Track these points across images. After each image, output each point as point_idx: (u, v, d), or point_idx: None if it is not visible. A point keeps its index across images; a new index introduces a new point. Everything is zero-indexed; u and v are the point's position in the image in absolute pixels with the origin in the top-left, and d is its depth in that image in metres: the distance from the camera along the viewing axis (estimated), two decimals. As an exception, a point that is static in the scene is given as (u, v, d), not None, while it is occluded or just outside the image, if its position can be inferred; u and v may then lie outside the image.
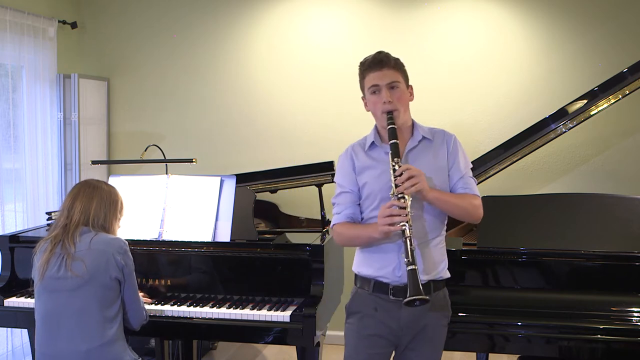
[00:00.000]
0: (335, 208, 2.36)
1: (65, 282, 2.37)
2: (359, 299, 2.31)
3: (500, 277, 2.66)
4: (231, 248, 2.91)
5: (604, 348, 2.45)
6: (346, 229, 2.30)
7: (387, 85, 2.25)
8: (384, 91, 2.24)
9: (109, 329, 2.39)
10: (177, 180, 3.06)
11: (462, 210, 2.26)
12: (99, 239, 2.44)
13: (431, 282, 2.23)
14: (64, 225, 2.47)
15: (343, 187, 2.34)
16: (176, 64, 4.72)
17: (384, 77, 2.25)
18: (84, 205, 2.48)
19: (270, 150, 4.55)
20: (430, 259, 2.24)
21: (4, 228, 3.89)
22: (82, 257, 2.38)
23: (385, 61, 2.27)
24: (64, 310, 2.38)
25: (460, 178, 2.29)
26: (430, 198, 2.18)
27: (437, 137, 2.33)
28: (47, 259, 2.41)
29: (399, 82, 2.27)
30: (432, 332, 2.26)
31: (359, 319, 2.29)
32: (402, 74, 2.30)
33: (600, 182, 4.11)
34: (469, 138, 4.33)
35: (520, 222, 2.76)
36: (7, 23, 3.86)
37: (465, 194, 2.27)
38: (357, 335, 2.29)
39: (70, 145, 4.48)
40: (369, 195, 2.27)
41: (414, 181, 2.10)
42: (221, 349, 4.36)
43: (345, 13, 4.46)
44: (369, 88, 2.28)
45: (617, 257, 2.60)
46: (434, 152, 2.30)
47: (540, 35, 4.20)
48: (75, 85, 4.43)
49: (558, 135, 3.12)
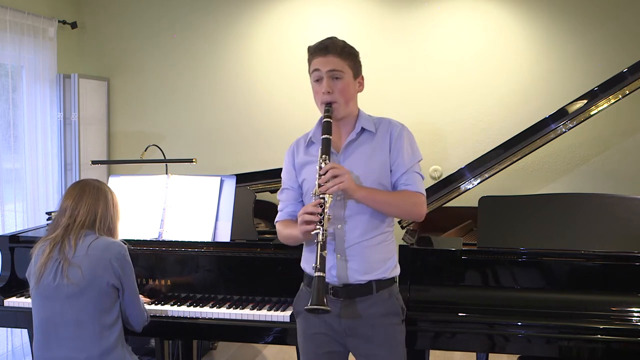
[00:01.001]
0: (279, 205, 2.33)
1: (61, 290, 2.30)
2: (303, 297, 2.21)
3: (500, 277, 2.66)
4: (231, 248, 2.91)
5: (604, 348, 2.45)
6: (283, 227, 2.27)
7: (329, 72, 2.11)
8: (325, 80, 2.11)
9: (108, 337, 2.33)
10: (177, 180, 3.06)
11: (396, 208, 2.15)
12: (98, 244, 2.35)
13: (373, 282, 2.14)
14: (66, 226, 2.38)
15: (285, 183, 2.31)
16: (176, 64, 4.72)
17: (327, 64, 2.11)
18: (90, 206, 2.40)
19: (270, 150, 4.55)
20: (369, 259, 2.14)
21: (4, 228, 3.89)
22: (79, 263, 2.30)
23: (330, 47, 2.12)
24: (61, 318, 2.32)
25: (403, 173, 2.15)
26: (358, 197, 2.07)
27: (381, 129, 2.19)
28: (44, 263, 2.33)
29: (343, 72, 2.12)
30: (384, 333, 2.15)
31: (302, 317, 2.23)
32: (350, 63, 2.14)
33: (600, 182, 4.11)
34: (469, 138, 4.33)
35: (520, 222, 2.76)
36: (7, 23, 3.86)
37: (404, 191, 2.14)
38: (304, 335, 2.24)
39: (70, 145, 4.48)
40: (307, 192, 2.20)
41: (336, 181, 2.00)
42: (221, 349, 4.36)
43: (345, 13, 4.46)
44: (312, 73, 2.16)
45: (617, 257, 2.60)
46: (374, 145, 2.17)
47: (540, 35, 4.20)
48: (75, 85, 4.43)
49: (558, 135, 3.11)
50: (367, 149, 2.17)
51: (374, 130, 2.18)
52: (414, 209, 2.17)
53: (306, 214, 2.04)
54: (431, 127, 4.38)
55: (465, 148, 4.32)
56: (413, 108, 4.38)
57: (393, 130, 2.19)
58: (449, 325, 2.54)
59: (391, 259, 2.21)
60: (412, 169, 2.17)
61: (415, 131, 2.25)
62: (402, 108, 4.39)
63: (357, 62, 2.19)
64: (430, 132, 4.38)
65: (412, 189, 2.15)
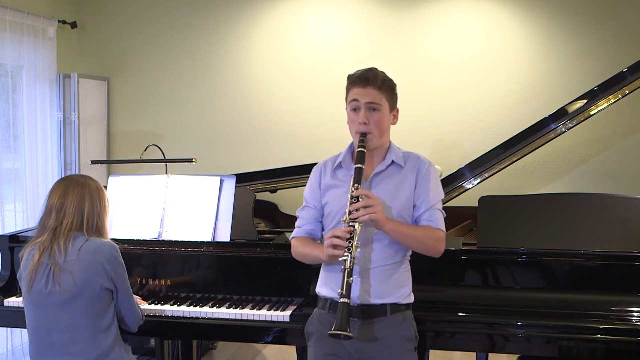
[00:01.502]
0: (297, 221, 2.35)
1: (53, 297, 2.26)
2: (317, 319, 2.27)
3: (500, 277, 2.66)
4: (231, 248, 2.90)
5: (604, 348, 2.45)
6: (300, 245, 2.29)
7: (367, 104, 2.15)
8: (362, 111, 2.15)
9: (104, 340, 2.30)
10: (177, 180, 3.05)
11: (420, 244, 2.19)
12: (89, 247, 2.30)
13: (387, 305, 2.17)
14: (54, 229, 2.31)
15: (308, 202, 2.33)
16: (176, 64, 4.72)
17: (366, 96, 2.15)
18: (76, 207, 2.33)
19: (270, 150, 4.56)
20: (387, 284, 2.18)
21: (4, 228, 3.89)
22: (71, 269, 2.25)
23: (372, 79, 2.16)
24: (55, 324, 2.28)
25: (427, 210, 2.20)
26: (387, 229, 2.11)
27: (410, 163, 2.24)
28: (34, 269, 2.28)
29: (381, 105, 2.16)
30: (394, 356, 2.17)
31: (316, 340, 2.25)
32: (387, 96, 2.19)
33: (600, 182, 4.11)
34: (469, 138, 4.33)
35: (520, 222, 2.76)
36: (7, 23, 3.86)
37: (427, 226, 2.19)
38: (315, 356, 2.24)
39: (70, 145, 4.48)
40: (329, 214, 2.24)
41: (370, 210, 2.04)
42: (221, 349, 4.36)
43: (345, 13, 4.46)
44: (350, 102, 2.20)
45: (617, 257, 2.60)
46: (402, 179, 2.22)
47: (540, 35, 4.20)
48: (75, 85, 4.43)
49: (558, 135, 3.11)
50: (394, 182, 2.22)
51: (403, 165, 2.24)
52: (435, 245, 2.21)
53: (335, 237, 2.06)
54: (431, 127, 4.38)
55: (465, 148, 4.32)
56: (413, 108, 4.38)
57: (421, 167, 2.24)
58: (449, 325, 2.54)
59: (406, 287, 2.25)
60: (435, 207, 2.22)
61: (415, 131, 2.27)
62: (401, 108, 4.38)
63: (395, 95, 2.24)
64: (430, 132, 4.38)
65: (434, 226, 2.20)
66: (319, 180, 2.31)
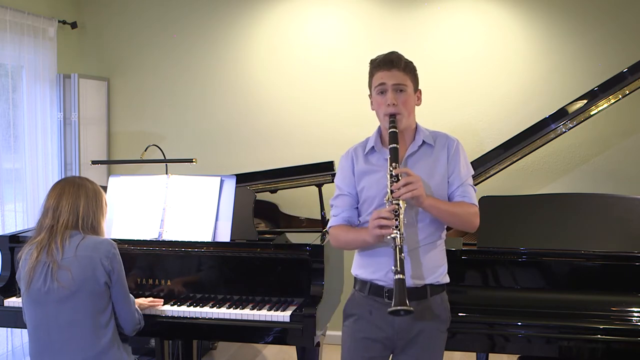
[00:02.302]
0: (333, 210, 2.35)
1: (52, 294, 2.28)
2: (355, 301, 2.30)
3: (500, 277, 2.66)
4: (231, 248, 2.91)
5: (604, 348, 2.45)
6: (342, 232, 2.29)
7: (394, 86, 2.20)
8: (389, 93, 2.19)
9: (103, 336, 2.32)
10: (177, 180, 3.05)
11: (458, 219, 2.22)
12: (86, 244, 2.33)
13: (428, 287, 2.21)
14: (50, 227, 2.35)
15: (341, 189, 2.33)
16: (176, 64, 4.72)
17: (392, 78, 2.20)
18: (71, 205, 2.36)
19: (270, 150, 4.55)
20: (428, 264, 2.21)
21: (4, 228, 3.89)
22: (68, 266, 2.28)
23: (395, 62, 2.22)
24: (54, 321, 2.30)
25: (459, 186, 2.24)
26: (426, 205, 2.14)
27: (439, 142, 2.29)
28: (32, 267, 2.31)
29: (406, 86, 2.22)
30: (429, 338, 2.22)
31: (354, 321, 2.28)
32: (411, 77, 2.25)
33: (600, 182, 4.11)
34: (469, 138, 4.33)
35: (520, 222, 2.76)
36: (7, 23, 3.86)
37: (462, 202, 2.23)
38: (352, 338, 2.27)
39: (70, 145, 4.48)
40: (367, 199, 2.25)
41: (410, 187, 2.06)
42: (221, 349, 4.36)
43: (345, 13, 4.46)
44: (376, 87, 2.23)
45: (617, 257, 2.60)
46: (434, 158, 2.26)
47: (540, 35, 4.20)
48: (75, 85, 4.43)
49: (558, 135, 3.12)
50: (427, 162, 2.25)
51: (433, 144, 2.28)
52: (471, 219, 2.24)
53: (381, 218, 2.06)
54: (431, 127, 4.36)
55: (465, 148, 4.30)
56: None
57: (450, 144, 2.29)
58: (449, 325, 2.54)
59: (443, 266, 2.28)
60: (467, 182, 2.26)
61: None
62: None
63: (417, 76, 2.29)
64: (430, 132, 4.37)
65: (468, 201, 2.24)
66: (351, 167, 2.31)
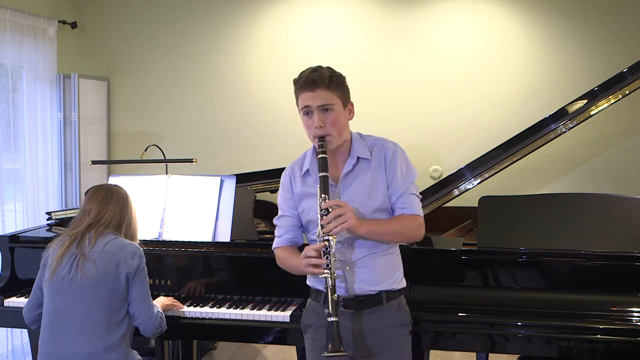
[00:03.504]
0: (277, 230, 2.30)
1: (74, 283, 2.35)
2: (312, 311, 2.26)
3: (500, 277, 2.66)
4: (231, 248, 2.90)
5: (604, 348, 2.45)
6: (285, 256, 2.24)
7: (319, 107, 2.09)
8: (315, 114, 2.09)
9: (114, 334, 2.36)
10: (177, 180, 3.05)
11: (399, 236, 2.15)
12: (115, 243, 2.41)
13: (383, 293, 2.16)
14: (89, 225, 2.43)
15: (284, 210, 2.27)
16: (176, 64, 4.72)
17: (316, 99, 2.09)
18: (117, 212, 2.48)
19: (270, 150, 4.55)
20: (378, 271, 2.16)
21: (4, 228, 3.89)
22: (95, 259, 2.36)
23: (318, 81, 2.09)
24: (71, 311, 2.35)
25: (399, 196, 2.15)
26: (362, 233, 2.06)
27: (375, 153, 2.18)
28: (61, 255, 2.38)
29: (333, 104, 2.09)
30: (391, 344, 2.18)
31: (312, 332, 2.25)
32: (338, 93, 2.11)
33: (600, 182, 4.11)
34: (469, 138, 4.33)
35: (520, 222, 2.76)
36: (7, 23, 3.87)
37: (402, 215, 2.14)
38: (313, 348, 2.24)
39: (70, 145, 4.49)
40: (309, 222, 2.19)
41: (340, 220, 1.98)
42: (221, 349, 4.36)
43: (346, 13, 4.46)
44: (302, 109, 2.15)
45: (617, 257, 2.60)
46: (372, 172, 2.16)
47: (540, 35, 4.20)
48: (75, 85, 4.43)
49: (558, 135, 3.11)
50: (366, 178, 2.16)
51: (369, 157, 2.17)
52: (414, 233, 2.17)
53: (311, 257, 2.01)
54: (431, 127, 4.38)
55: (465, 148, 4.32)
56: (413, 108, 4.38)
57: (387, 153, 2.17)
58: (449, 325, 2.54)
59: (398, 271, 2.24)
60: (407, 192, 2.16)
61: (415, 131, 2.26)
62: (402, 108, 4.39)
63: (345, 89, 2.16)
64: (430, 132, 4.38)
65: (409, 212, 2.15)
66: (290, 187, 2.25)
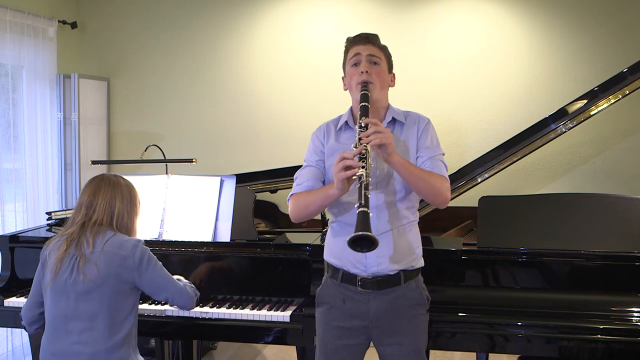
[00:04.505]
0: (297, 180, 2.27)
1: (77, 285, 2.31)
2: (328, 289, 2.27)
3: (500, 277, 2.66)
4: (231, 248, 2.91)
5: (604, 348, 2.45)
6: (304, 196, 2.20)
7: (368, 57, 2.19)
8: (363, 62, 2.18)
9: (117, 334, 2.33)
10: (177, 180, 3.05)
11: (427, 185, 2.10)
12: (114, 241, 2.35)
13: (401, 272, 2.17)
14: (82, 224, 2.36)
15: (310, 161, 2.28)
16: (176, 64, 4.72)
17: (367, 49, 2.21)
18: (106, 205, 2.37)
19: (270, 150, 4.55)
20: (400, 247, 2.17)
21: (4, 228, 3.89)
22: (95, 260, 2.31)
23: (371, 38, 2.24)
24: (74, 312, 2.32)
25: (428, 158, 2.17)
26: (394, 161, 2.04)
27: (409, 120, 2.27)
28: (60, 258, 2.33)
29: (381, 60, 2.22)
30: (409, 323, 2.20)
31: (327, 309, 2.26)
32: (385, 56, 2.25)
33: (600, 182, 4.11)
34: (469, 138, 4.33)
35: (520, 222, 2.76)
36: (7, 23, 3.87)
37: (432, 172, 2.15)
38: (325, 326, 2.26)
39: (70, 145, 4.49)
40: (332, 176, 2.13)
41: (380, 135, 1.97)
42: (221, 349, 4.36)
43: (345, 13, 4.46)
44: (351, 59, 2.22)
45: (617, 257, 2.60)
46: (405, 136, 2.23)
47: (540, 35, 4.20)
48: (75, 85, 4.43)
49: (558, 135, 3.11)
50: (397, 139, 2.21)
51: (404, 121, 2.26)
52: (442, 191, 2.14)
53: (347, 159, 1.97)
54: (431, 127, 4.38)
55: (465, 148, 4.32)
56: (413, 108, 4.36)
57: (421, 121, 2.26)
58: (449, 325, 2.54)
59: (418, 248, 2.26)
60: (436, 157, 2.21)
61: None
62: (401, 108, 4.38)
63: (391, 59, 2.30)
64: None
65: (439, 172, 2.17)
66: (322, 141, 2.29)
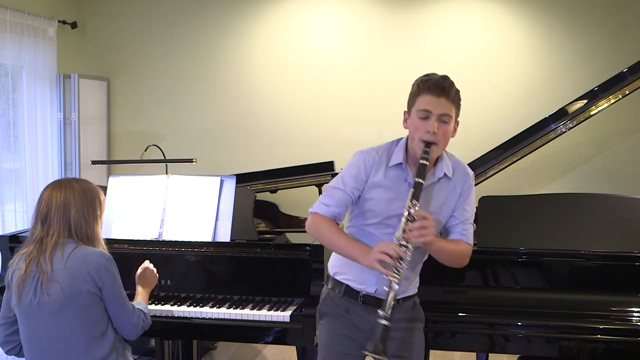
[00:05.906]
0: (325, 199, 2.22)
1: (43, 307, 2.18)
2: (330, 302, 2.29)
3: (500, 277, 2.66)
4: (231, 248, 2.90)
5: (604, 348, 2.45)
6: (327, 226, 2.18)
7: (439, 116, 2.07)
8: (433, 120, 2.06)
9: (98, 348, 2.22)
10: (177, 180, 3.05)
11: (451, 258, 2.20)
12: (77, 256, 2.19)
13: (400, 299, 2.22)
14: (40, 240, 2.20)
15: (346, 186, 2.19)
16: (176, 64, 4.72)
17: (439, 106, 2.07)
18: (60, 216, 2.20)
19: (270, 150, 4.56)
20: (413, 280, 2.28)
21: (4, 228, 3.89)
22: (58, 278, 2.15)
23: (447, 90, 2.09)
24: (47, 334, 2.20)
25: (461, 222, 2.22)
26: (432, 249, 2.13)
27: (457, 175, 2.21)
28: (22, 279, 2.19)
29: (451, 118, 2.09)
30: (408, 334, 2.24)
31: (332, 320, 2.28)
32: (456, 108, 2.12)
33: (600, 182, 4.12)
34: (469, 138, 4.33)
35: (520, 222, 2.76)
36: (7, 23, 3.87)
37: (460, 241, 2.20)
38: (330, 335, 2.27)
39: (70, 145, 4.49)
40: (370, 211, 2.18)
41: (424, 233, 2.00)
42: (221, 349, 4.36)
43: (346, 13, 4.46)
44: (419, 110, 2.10)
45: (617, 257, 2.60)
46: (449, 192, 2.20)
47: (540, 35, 4.20)
48: (75, 85, 4.43)
49: (558, 135, 3.11)
50: (442, 195, 2.20)
51: (451, 177, 2.21)
52: (462, 261, 2.23)
53: (387, 255, 2.00)
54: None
55: (465, 148, 4.32)
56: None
57: (467, 180, 2.23)
58: (449, 325, 2.54)
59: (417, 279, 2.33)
60: (469, 221, 2.24)
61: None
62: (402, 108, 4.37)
63: (460, 107, 2.17)
64: (430, 132, 4.37)
65: (466, 240, 2.22)
66: (368, 172, 2.18)
